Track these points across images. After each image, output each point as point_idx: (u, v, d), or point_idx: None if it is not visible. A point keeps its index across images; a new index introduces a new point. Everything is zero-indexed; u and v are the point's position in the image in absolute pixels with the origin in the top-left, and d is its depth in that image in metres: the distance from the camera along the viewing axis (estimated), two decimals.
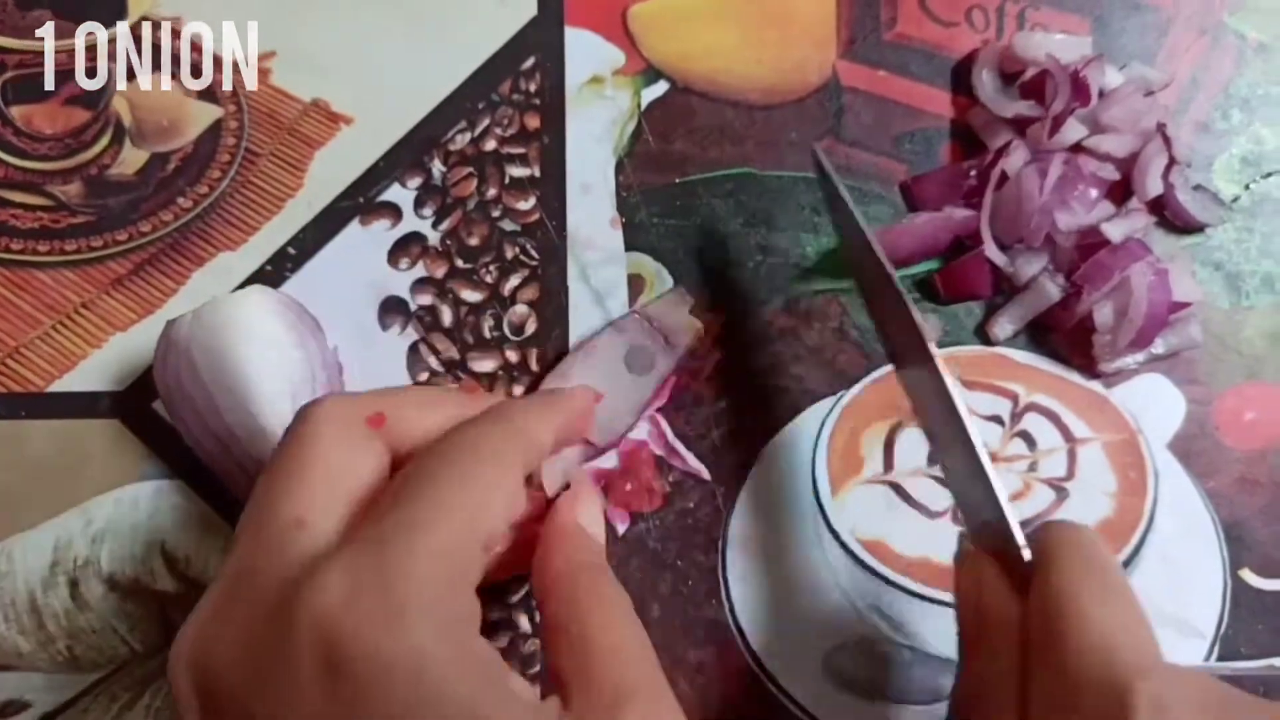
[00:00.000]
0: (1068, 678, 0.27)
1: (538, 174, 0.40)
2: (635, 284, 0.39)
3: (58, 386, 0.38)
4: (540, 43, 0.40)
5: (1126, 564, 0.37)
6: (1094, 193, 0.38)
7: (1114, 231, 0.37)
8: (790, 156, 0.39)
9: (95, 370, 0.39)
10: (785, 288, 0.39)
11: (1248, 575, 0.37)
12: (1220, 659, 0.37)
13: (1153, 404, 0.39)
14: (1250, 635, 0.37)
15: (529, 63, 0.40)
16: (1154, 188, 0.38)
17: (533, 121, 0.40)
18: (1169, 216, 0.39)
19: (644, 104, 0.40)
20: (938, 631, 0.36)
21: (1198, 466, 0.38)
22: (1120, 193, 0.38)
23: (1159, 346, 0.38)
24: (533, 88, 0.40)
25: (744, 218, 0.39)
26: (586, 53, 0.40)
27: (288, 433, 0.28)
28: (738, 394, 0.38)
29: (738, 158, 0.39)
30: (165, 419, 0.38)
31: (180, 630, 0.26)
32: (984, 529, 0.30)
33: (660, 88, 0.40)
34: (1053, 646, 0.27)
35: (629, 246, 0.39)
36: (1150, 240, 0.39)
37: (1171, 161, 0.38)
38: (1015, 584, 0.29)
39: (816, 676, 0.36)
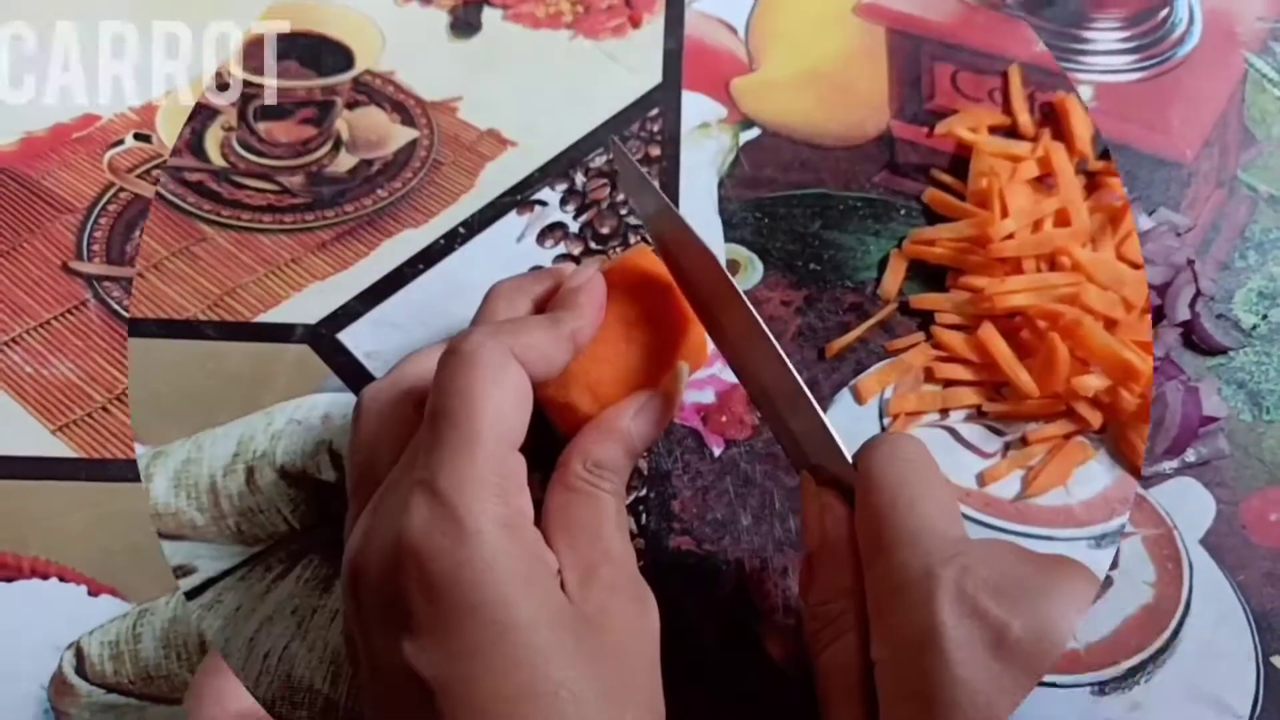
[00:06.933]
0: (890, 576, 0.29)
1: (658, 186, 0.50)
2: (732, 267, 0.48)
3: (261, 319, 0.47)
4: (662, 100, 0.53)
5: (1166, 646, 0.40)
6: None
7: (1156, 346, 0.43)
8: (855, 181, 0.50)
9: (294, 309, 0.48)
10: (850, 274, 0.48)
11: (1279, 662, 0.40)
12: None
13: (1185, 504, 0.43)
14: None
15: (653, 113, 0.53)
16: (1182, 314, 0.45)
17: (654, 151, 0.52)
18: (1196, 340, 0.45)
19: (741, 143, 0.52)
20: None
21: (1228, 561, 0.42)
22: (1153, 317, 0.45)
23: (1190, 455, 0.43)
24: (655, 129, 0.52)
25: (820, 222, 0.49)
26: (698, 108, 0.53)
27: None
28: (814, 348, 0.46)
29: (814, 181, 0.50)
30: (347, 346, 0.47)
31: (348, 539, 0.32)
32: (817, 467, 0.34)
33: (754, 132, 0.52)
34: (876, 550, 0.30)
35: (728, 239, 0.49)
36: (1180, 361, 0.45)
37: (1198, 293, 0.44)
38: (850, 508, 0.32)
39: None
